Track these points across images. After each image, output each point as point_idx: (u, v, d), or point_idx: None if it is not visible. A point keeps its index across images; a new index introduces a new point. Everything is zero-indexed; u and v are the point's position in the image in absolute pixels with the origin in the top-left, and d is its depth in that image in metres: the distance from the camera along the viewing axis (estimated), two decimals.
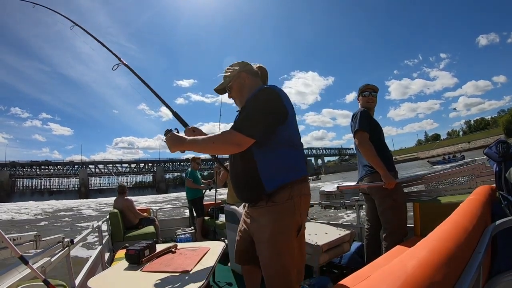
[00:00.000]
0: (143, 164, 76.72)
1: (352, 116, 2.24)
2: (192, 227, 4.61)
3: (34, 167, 71.55)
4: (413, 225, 2.02)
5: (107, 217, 3.90)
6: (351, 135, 2.21)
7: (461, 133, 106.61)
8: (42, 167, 73.16)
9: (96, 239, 2.79)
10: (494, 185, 1.44)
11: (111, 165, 76.39)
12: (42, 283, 1.12)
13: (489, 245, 0.87)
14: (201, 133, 1.50)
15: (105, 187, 72.39)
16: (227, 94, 1.44)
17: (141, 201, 23.46)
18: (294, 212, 1.17)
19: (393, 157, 2.21)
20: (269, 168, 1.19)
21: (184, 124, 1.63)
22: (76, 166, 74.13)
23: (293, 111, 1.27)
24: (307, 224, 2.53)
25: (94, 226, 2.68)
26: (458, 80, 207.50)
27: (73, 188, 70.57)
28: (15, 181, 68.36)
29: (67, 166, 74.32)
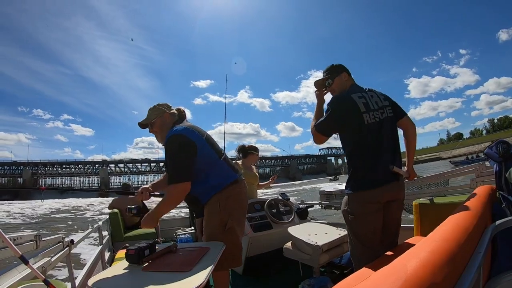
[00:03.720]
0: (162, 163, 77.63)
1: None
2: (192, 227, 4.61)
3: (56, 166, 73.48)
4: (413, 225, 2.02)
5: (107, 217, 3.90)
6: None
7: (484, 132, 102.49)
8: (64, 166, 75.04)
9: (96, 239, 2.79)
10: (494, 185, 1.44)
11: (131, 164, 77.73)
12: (43, 283, 1.12)
13: (489, 245, 0.87)
14: (152, 186, 1.80)
15: None
16: (149, 128, 1.74)
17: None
18: (219, 212, 1.53)
19: (415, 157, 1.75)
20: (199, 190, 1.56)
21: (131, 193, 1.85)
22: (96, 165, 75.45)
23: (201, 137, 1.59)
24: (307, 224, 2.54)
25: (94, 226, 2.68)
26: (480, 77, 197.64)
27: (93, 187, 71.36)
28: (37, 179, 69.90)
29: (88, 165, 75.84)
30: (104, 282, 1.07)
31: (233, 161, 1.95)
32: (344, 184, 1.98)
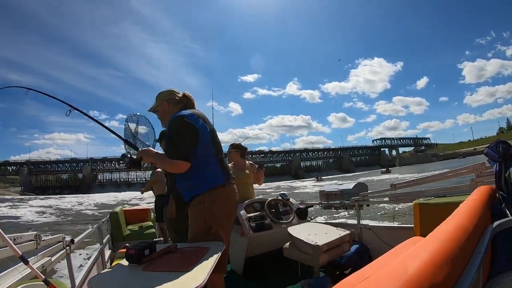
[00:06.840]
0: None
1: None
2: None
3: (113, 162, 77.82)
4: (413, 225, 2.03)
5: (108, 216, 3.91)
6: (426, 123, 1.62)
7: None
8: (121, 161, 78.14)
9: (96, 239, 2.80)
10: (494, 185, 1.44)
11: None
12: (43, 283, 1.12)
13: (489, 245, 0.87)
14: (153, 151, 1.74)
15: None
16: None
17: None
18: (202, 214, 1.48)
19: (473, 148, 1.74)
20: (184, 184, 1.55)
21: (136, 148, 1.82)
22: None
23: (205, 127, 1.56)
24: (306, 224, 2.54)
25: (95, 225, 2.68)
26: None
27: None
28: (96, 175, 76.26)
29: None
30: (104, 281, 1.07)
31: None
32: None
